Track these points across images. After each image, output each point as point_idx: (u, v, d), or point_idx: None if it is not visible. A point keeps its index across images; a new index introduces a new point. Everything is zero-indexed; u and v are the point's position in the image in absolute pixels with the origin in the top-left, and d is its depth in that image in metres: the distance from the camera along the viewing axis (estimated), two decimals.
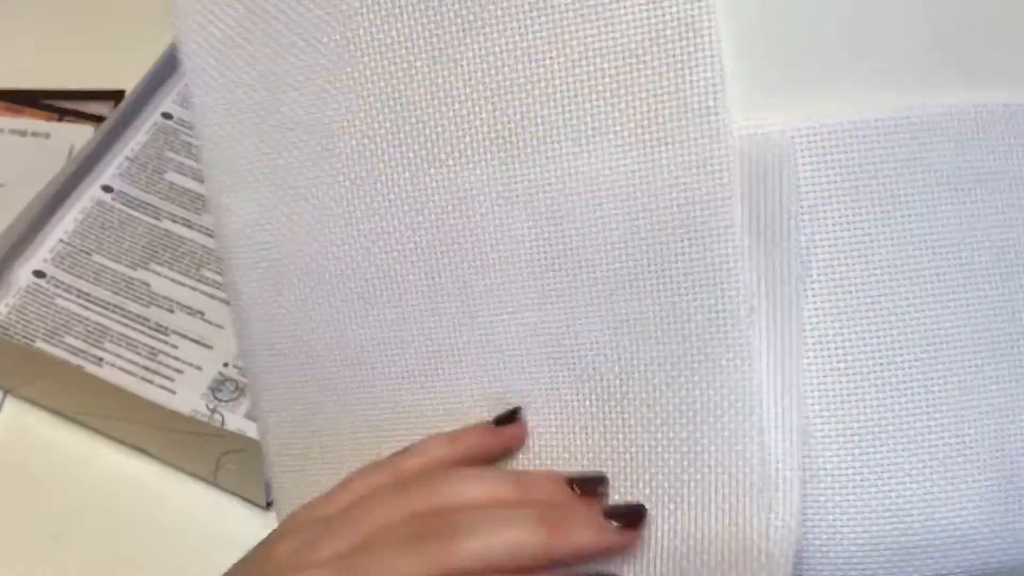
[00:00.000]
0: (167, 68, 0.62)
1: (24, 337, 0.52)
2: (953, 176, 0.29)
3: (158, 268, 0.55)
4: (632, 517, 0.29)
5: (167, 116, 0.61)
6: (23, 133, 0.61)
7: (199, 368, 0.52)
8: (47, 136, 0.61)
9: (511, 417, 0.31)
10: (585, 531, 0.28)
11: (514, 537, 0.27)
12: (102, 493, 0.50)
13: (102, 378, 0.49)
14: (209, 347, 0.53)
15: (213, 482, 0.50)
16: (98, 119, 0.62)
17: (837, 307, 0.29)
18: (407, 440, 0.32)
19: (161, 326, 0.53)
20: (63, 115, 0.62)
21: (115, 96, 0.62)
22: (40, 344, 0.52)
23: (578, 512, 0.29)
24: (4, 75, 0.63)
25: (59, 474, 0.50)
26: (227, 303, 0.54)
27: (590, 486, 0.30)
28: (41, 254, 0.55)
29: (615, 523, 0.28)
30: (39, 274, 0.54)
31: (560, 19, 0.29)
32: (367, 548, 0.28)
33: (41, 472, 0.50)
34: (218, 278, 0.55)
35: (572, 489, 0.29)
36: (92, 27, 0.66)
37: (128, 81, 0.62)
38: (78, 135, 0.61)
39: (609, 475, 0.30)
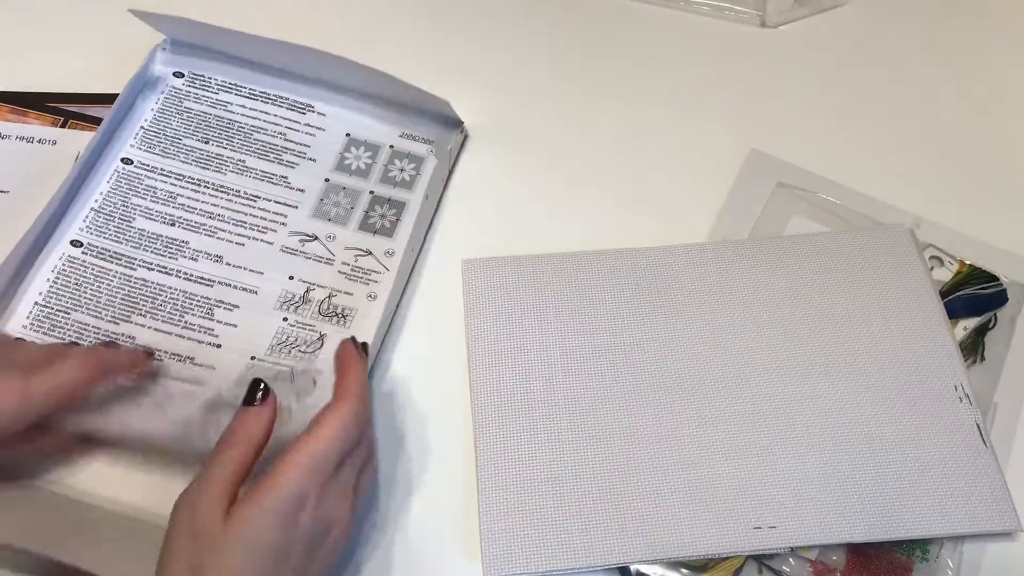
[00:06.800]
0: (121, 113, 0.60)
1: None
2: None
3: (140, 320, 0.54)
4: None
5: (127, 161, 0.59)
6: (30, 140, 0.61)
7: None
8: (54, 143, 0.61)
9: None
10: None
11: None
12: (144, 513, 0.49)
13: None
14: (203, 386, 0.52)
15: None
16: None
17: None
18: None
19: (151, 376, 0.53)
20: (68, 119, 0.62)
21: None
22: None
23: None
24: (8, 78, 0.65)
25: (98, 491, 0.50)
26: (216, 346, 0.54)
27: None
28: (18, 320, 0.54)
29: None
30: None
31: None
32: None
33: None
34: (204, 323, 0.55)
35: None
36: (96, 29, 0.67)
37: None
38: (85, 142, 0.60)
39: None
